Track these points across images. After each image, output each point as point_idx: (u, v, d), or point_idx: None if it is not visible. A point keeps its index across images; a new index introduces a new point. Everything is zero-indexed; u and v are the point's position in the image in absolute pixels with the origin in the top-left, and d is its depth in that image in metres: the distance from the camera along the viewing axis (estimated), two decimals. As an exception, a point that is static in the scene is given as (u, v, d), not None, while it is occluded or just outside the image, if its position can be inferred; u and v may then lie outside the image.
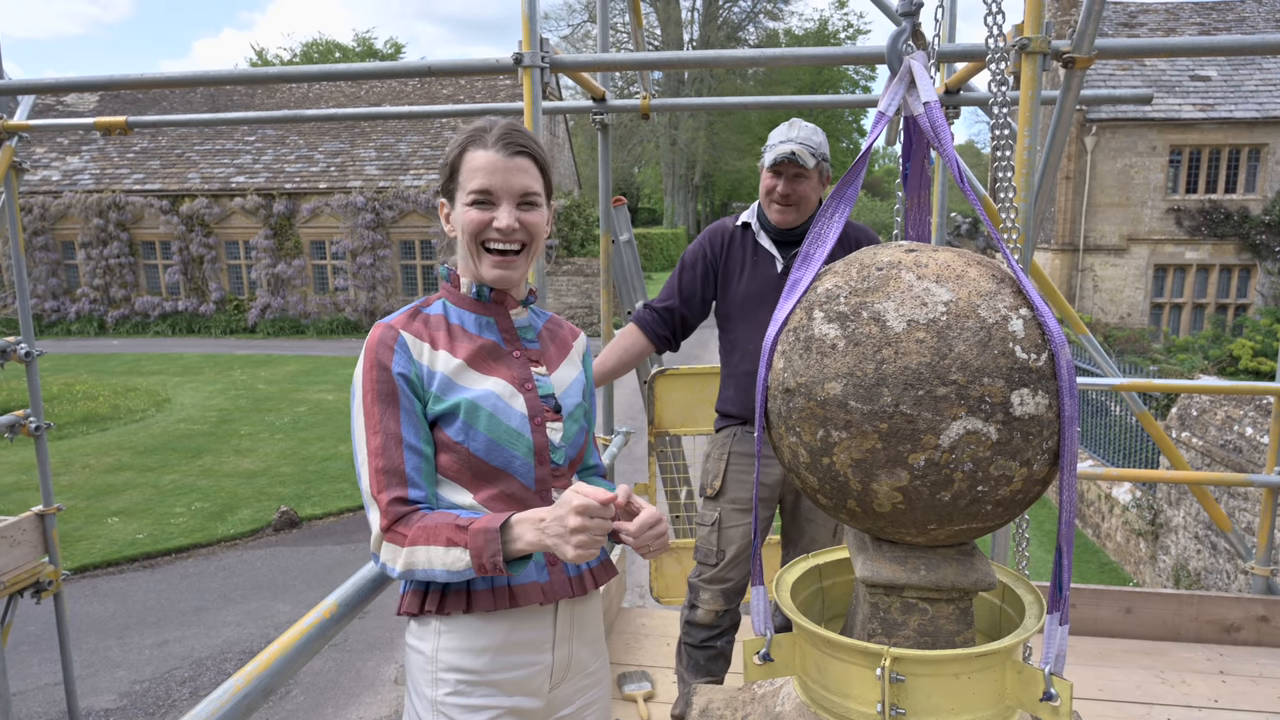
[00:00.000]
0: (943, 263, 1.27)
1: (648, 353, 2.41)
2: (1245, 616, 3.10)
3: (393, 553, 1.27)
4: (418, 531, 1.25)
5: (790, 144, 2.18)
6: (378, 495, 1.29)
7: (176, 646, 7.28)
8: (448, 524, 1.25)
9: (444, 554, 1.23)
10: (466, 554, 1.22)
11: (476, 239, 1.39)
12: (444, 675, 1.33)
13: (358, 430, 1.33)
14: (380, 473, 1.29)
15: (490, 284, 1.43)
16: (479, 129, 1.41)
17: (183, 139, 25.54)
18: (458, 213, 1.40)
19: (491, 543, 1.22)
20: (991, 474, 1.21)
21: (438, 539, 1.24)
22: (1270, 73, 20.17)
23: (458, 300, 1.45)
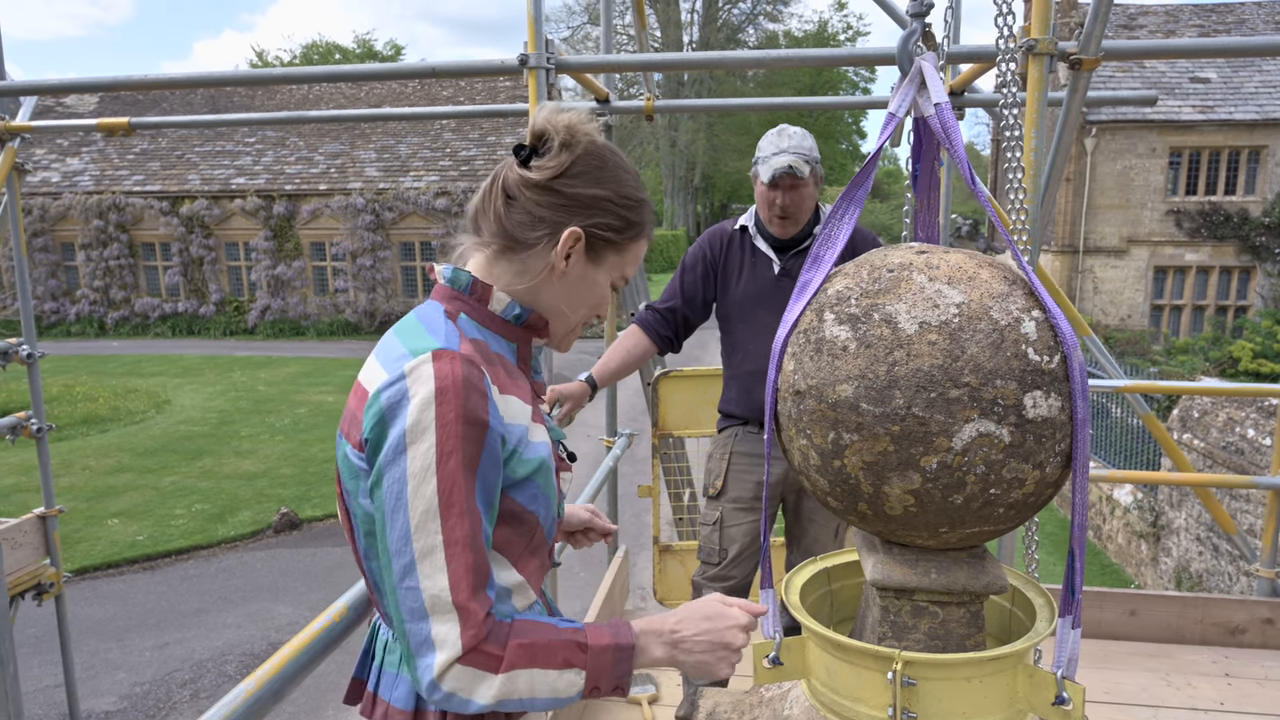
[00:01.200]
0: (954, 264, 1.26)
1: (651, 354, 2.41)
2: (1250, 619, 3.10)
3: (476, 680, 0.94)
4: (517, 651, 0.96)
5: (785, 155, 2.17)
6: (469, 605, 0.95)
7: (177, 649, 7.28)
8: (560, 641, 0.98)
9: (556, 678, 0.97)
10: (582, 677, 0.98)
11: (590, 317, 1.21)
12: None
13: (422, 506, 0.95)
14: (472, 573, 0.95)
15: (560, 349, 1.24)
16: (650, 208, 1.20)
17: (183, 140, 25.54)
18: (599, 281, 1.17)
19: (620, 664, 1.00)
20: (1004, 477, 1.21)
21: (550, 660, 0.97)
22: (1270, 75, 20.19)
23: (484, 319, 1.13)
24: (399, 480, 0.95)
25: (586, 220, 1.12)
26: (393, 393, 0.98)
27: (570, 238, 1.11)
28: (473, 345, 1.06)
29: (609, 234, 1.14)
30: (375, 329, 23.58)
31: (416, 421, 0.96)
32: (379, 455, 0.98)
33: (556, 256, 1.12)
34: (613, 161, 1.14)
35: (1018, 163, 1.37)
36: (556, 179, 1.10)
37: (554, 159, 1.11)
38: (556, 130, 1.11)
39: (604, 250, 1.15)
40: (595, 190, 1.11)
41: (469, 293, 1.13)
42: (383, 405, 0.99)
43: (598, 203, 1.12)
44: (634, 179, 1.17)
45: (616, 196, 1.13)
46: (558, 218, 1.11)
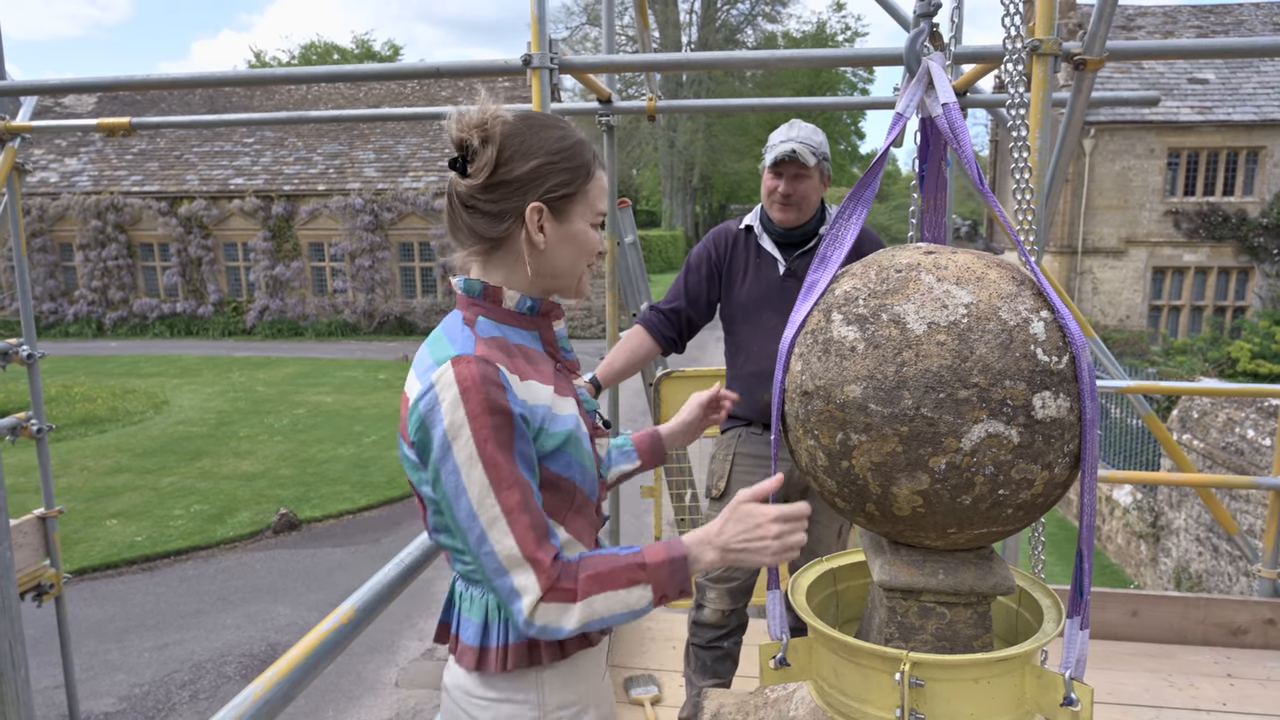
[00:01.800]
0: (962, 265, 1.26)
1: (655, 354, 2.41)
2: (1252, 619, 3.10)
3: (561, 612, 1.14)
4: (588, 582, 1.15)
5: (791, 143, 2.18)
6: (536, 556, 1.14)
7: (176, 649, 7.26)
8: (622, 566, 1.17)
9: (626, 595, 1.16)
10: (649, 590, 1.17)
11: (589, 262, 1.31)
12: (555, 714, 1.29)
13: (476, 487, 1.13)
14: (532, 530, 1.15)
15: (581, 298, 1.35)
16: (587, 145, 1.29)
17: (181, 141, 25.52)
18: (579, 229, 1.27)
19: (678, 573, 1.19)
20: (1013, 477, 1.20)
21: (617, 583, 1.16)
22: (1268, 76, 20.22)
23: (502, 317, 1.27)
24: (453, 472, 1.14)
25: (538, 192, 1.22)
26: (427, 400, 1.16)
27: (533, 214, 1.23)
28: (490, 343, 1.21)
29: (562, 190, 1.24)
30: (373, 330, 23.57)
31: (452, 421, 1.14)
32: (430, 454, 1.17)
33: (530, 234, 1.24)
34: (531, 130, 1.24)
35: (1024, 163, 1.37)
36: (494, 173, 1.21)
37: (481, 159, 1.21)
38: (471, 132, 1.21)
39: (566, 205, 1.25)
40: (530, 164, 1.22)
41: (483, 297, 1.28)
42: (421, 412, 1.17)
43: (538, 173, 1.22)
44: (558, 132, 1.25)
45: (550, 157, 1.23)
46: (513, 204, 1.23)
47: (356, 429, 13.83)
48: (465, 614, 1.29)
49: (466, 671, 1.28)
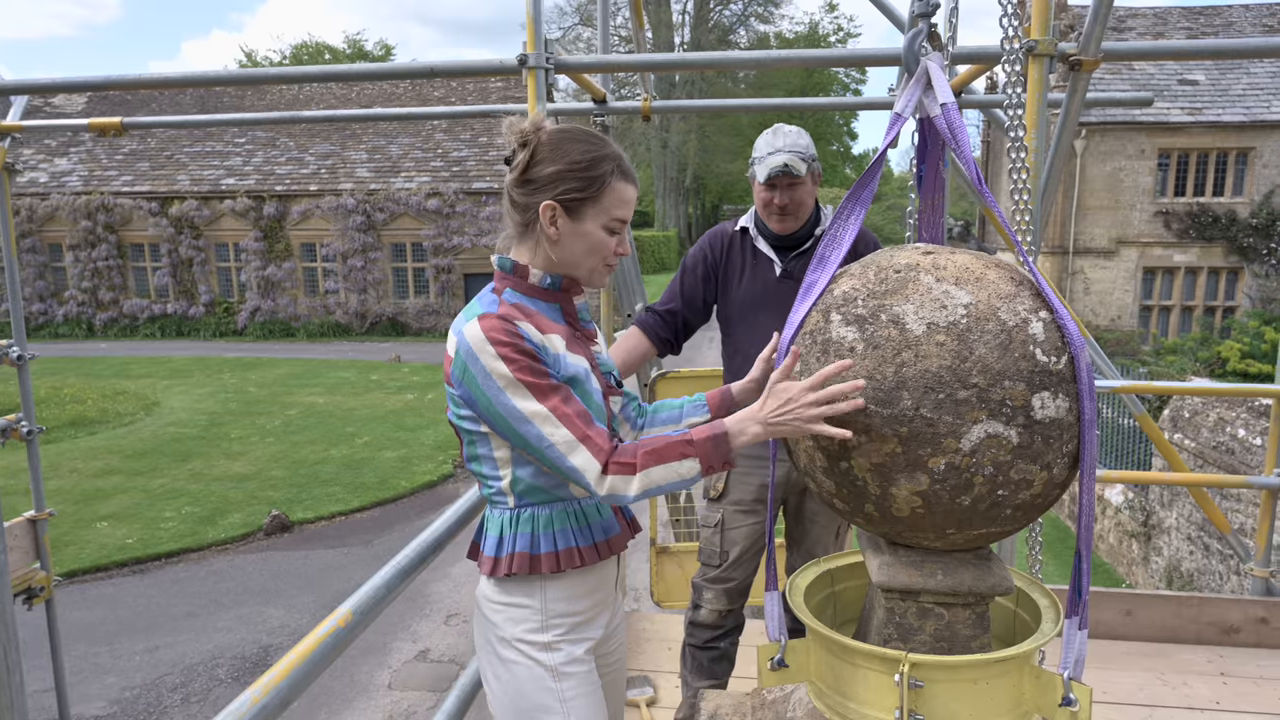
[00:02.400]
0: (961, 265, 1.26)
1: (650, 355, 2.40)
2: (1245, 618, 3.11)
3: (624, 481, 1.36)
4: (645, 457, 1.37)
5: (781, 154, 2.17)
6: (588, 435, 1.37)
7: (167, 652, 7.22)
8: (674, 442, 1.38)
9: (678, 466, 1.36)
10: (697, 462, 1.36)
11: (604, 259, 1.51)
12: (555, 621, 1.51)
13: (519, 405, 1.37)
14: (577, 417, 1.37)
15: (596, 288, 1.60)
16: (617, 157, 1.49)
17: (172, 140, 25.40)
18: (590, 231, 1.47)
19: (720, 446, 1.36)
20: (1012, 478, 1.20)
21: (669, 456, 1.36)
22: (1257, 77, 20.34)
23: (527, 290, 1.52)
24: (499, 393, 1.38)
25: (553, 193, 1.45)
26: (464, 349, 1.42)
27: (546, 209, 1.46)
28: (513, 307, 1.46)
29: (576, 194, 1.45)
30: (366, 330, 23.50)
31: (488, 356, 1.39)
32: (478, 390, 1.40)
33: (545, 226, 1.47)
34: (563, 140, 1.47)
35: (1022, 163, 1.37)
36: (525, 171, 1.47)
37: (519, 158, 1.47)
38: (516, 136, 1.47)
39: (580, 208, 1.46)
40: (552, 168, 1.45)
41: (512, 272, 1.52)
42: (462, 357, 1.42)
43: (557, 176, 1.45)
44: (585, 148, 1.47)
45: (569, 165, 1.45)
46: (535, 199, 1.47)
47: (349, 430, 13.78)
48: (488, 531, 1.54)
49: (486, 578, 1.53)
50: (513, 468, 1.47)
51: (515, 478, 1.48)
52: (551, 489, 1.49)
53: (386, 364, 19.42)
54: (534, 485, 1.48)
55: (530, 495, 1.48)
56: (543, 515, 1.49)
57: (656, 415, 1.75)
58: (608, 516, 1.57)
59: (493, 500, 1.53)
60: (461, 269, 22.91)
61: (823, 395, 1.27)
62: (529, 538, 1.48)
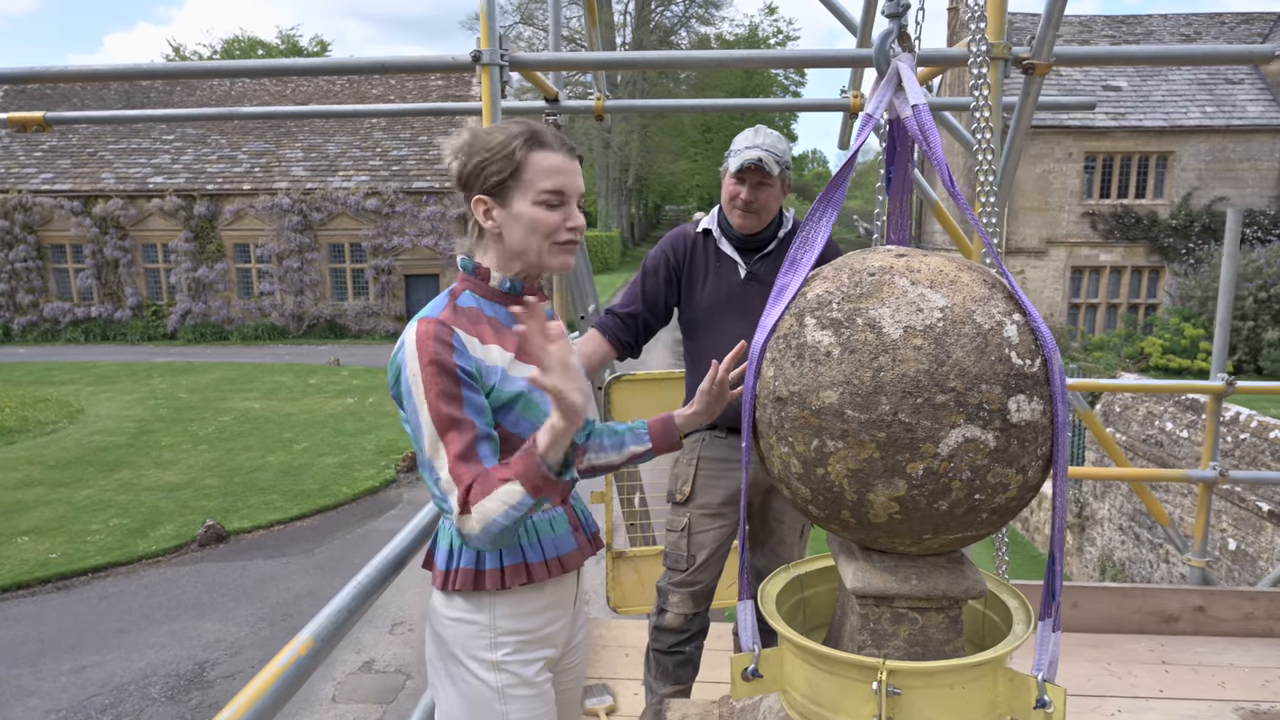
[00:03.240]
0: (935, 268, 1.25)
1: (610, 358, 2.36)
2: (1183, 607, 3.21)
3: (466, 521, 1.32)
4: (476, 492, 1.32)
5: (757, 150, 2.16)
6: (460, 479, 1.33)
7: (96, 672, 6.91)
8: (492, 470, 1.34)
9: (506, 494, 1.30)
10: (518, 484, 1.30)
11: (549, 237, 1.44)
12: (504, 639, 1.46)
13: (425, 426, 1.34)
14: (460, 459, 1.33)
15: (557, 271, 1.51)
16: (533, 130, 1.45)
17: (96, 137, 24.41)
18: (521, 211, 1.43)
19: (531, 458, 1.30)
20: (989, 482, 1.20)
21: (491, 486, 1.31)
22: (1175, 84, 21.22)
23: (486, 293, 1.48)
24: (413, 411, 1.36)
25: (479, 186, 1.43)
26: (398, 351, 1.38)
27: (478, 205, 1.44)
28: (462, 311, 1.43)
29: (496, 178, 1.42)
30: (303, 333, 22.93)
31: (412, 370, 1.35)
32: (403, 393, 1.37)
33: (482, 223, 1.45)
34: (480, 134, 1.45)
35: (989, 165, 1.37)
36: (456, 180, 1.47)
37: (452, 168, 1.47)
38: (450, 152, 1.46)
39: (505, 191, 1.43)
40: (471, 163, 1.43)
41: (474, 274, 1.49)
42: (396, 361, 1.39)
43: (477, 168, 1.43)
44: (497, 132, 1.44)
45: (483, 155, 1.42)
46: (467, 199, 1.47)
47: (286, 436, 13.41)
48: (439, 542, 1.50)
49: (437, 593, 1.49)
50: None
51: None
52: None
53: (325, 367, 18.97)
54: None
55: None
56: None
57: (601, 438, 1.69)
58: (561, 532, 1.52)
59: (443, 510, 1.44)
60: (402, 270, 22.52)
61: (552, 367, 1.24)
62: (475, 552, 1.44)
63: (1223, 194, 20.33)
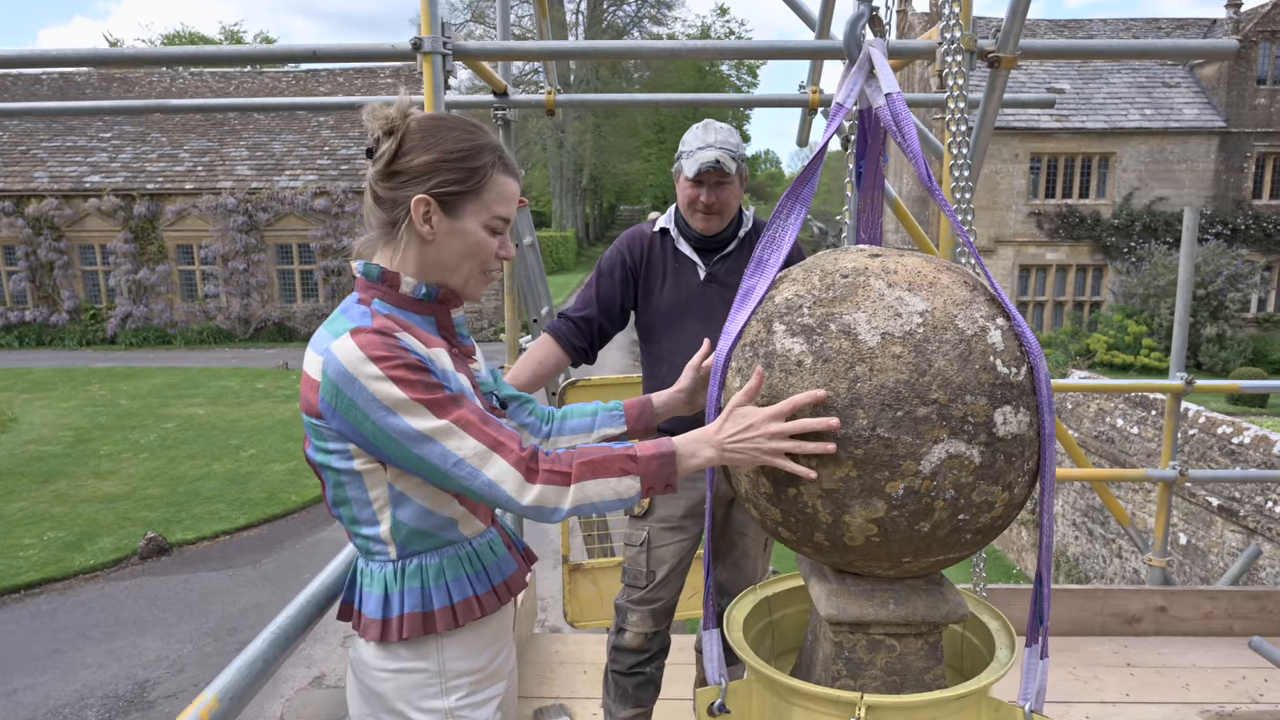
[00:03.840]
0: (912, 269, 1.16)
1: (564, 365, 2.24)
2: (1145, 608, 3.20)
3: (556, 493, 1.20)
4: (582, 468, 1.21)
5: (711, 150, 2.06)
6: (499, 440, 1.20)
7: (27, 695, 6.58)
8: (615, 455, 1.23)
9: (616, 484, 1.21)
10: (638, 481, 1.22)
11: (484, 264, 1.33)
12: (456, 683, 1.33)
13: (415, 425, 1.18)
14: (484, 424, 1.20)
15: (471, 300, 1.39)
16: (498, 147, 1.32)
17: (28, 135, 23.49)
18: (469, 229, 1.29)
19: (666, 467, 1.22)
20: (973, 500, 1.11)
21: (609, 471, 1.22)
22: (1116, 87, 21.75)
23: (398, 301, 1.31)
24: (387, 416, 1.17)
25: (426, 185, 1.26)
26: (335, 370, 1.19)
27: (419, 205, 1.26)
28: (385, 319, 1.24)
29: (453, 188, 1.27)
30: (250, 336, 22.34)
31: (370, 378, 1.17)
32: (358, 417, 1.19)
33: (417, 224, 1.27)
34: (437, 128, 1.28)
35: (965, 160, 1.28)
36: (392, 162, 1.26)
37: (383, 147, 1.27)
38: (381, 123, 1.26)
39: (458, 203, 1.28)
40: (425, 158, 1.26)
41: (380, 281, 1.31)
42: (333, 380, 1.19)
43: (431, 167, 1.26)
44: (463, 135, 1.29)
45: (445, 155, 1.26)
46: (405, 193, 1.26)
47: (233, 443, 13.00)
48: (366, 589, 1.32)
49: (370, 645, 1.31)
50: (391, 510, 1.26)
51: (396, 523, 1.27)
52: (438, 531, 1.30)
53: (273, 371, 18.47)
54: (418, 530, 1.28)
55: (415, 542, 1.28)
56: (432, 565, 1.29)
57: (565, 423, 1.58)
58: (502, 554, 1.39)
59: (369, 552, 1.31)
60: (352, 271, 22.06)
61: (791, 428, 1.13)
62: (419, 593, 1.28)
63: (1162, 194, 20.90)
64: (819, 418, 1.12)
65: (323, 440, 1.25)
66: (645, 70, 42.12)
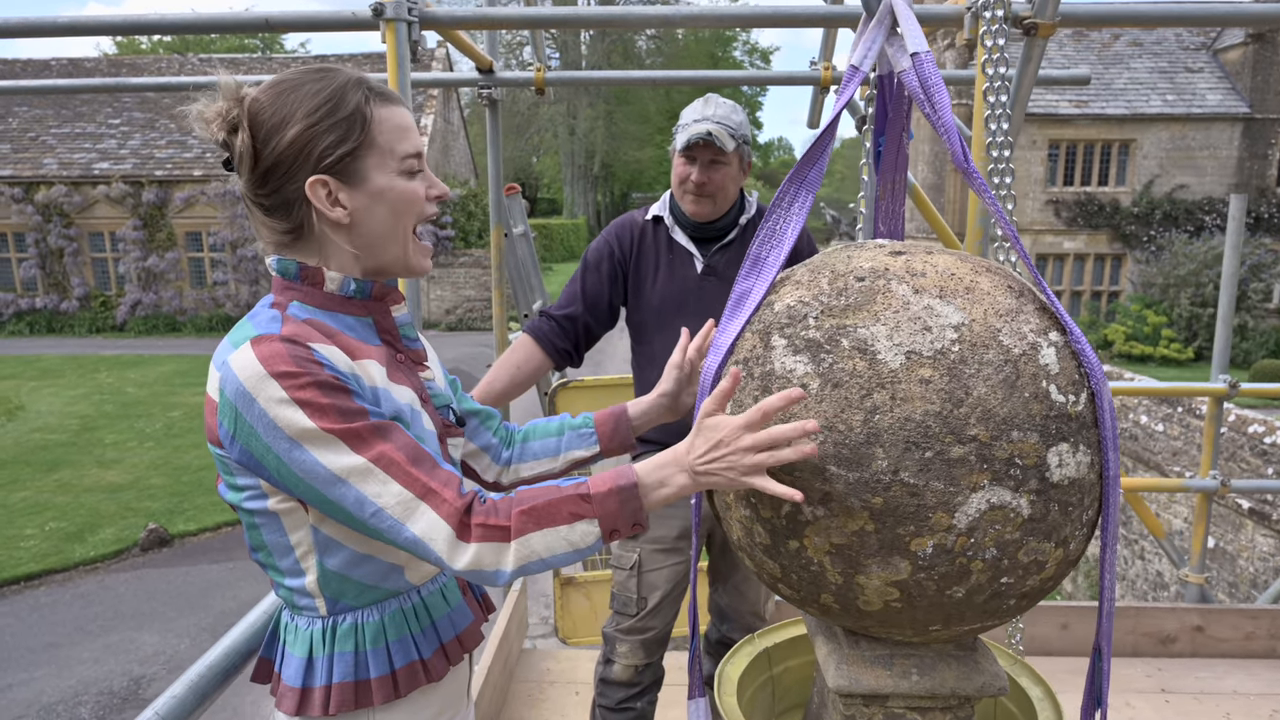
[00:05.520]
0: (944, 270, 0.94)
1: (545, 370, 2.03)
2: (1181, 627, 2.97)
3: (494, 552, 0.99)
4: (523, 517, 0.99)
5: (706, 123, 1.84)
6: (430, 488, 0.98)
7: (22, 691, 6.46)
8: (562, 498, 1.01)
9: (568, 532, 1.00)
10: (595, 524, 1.00)
11: (419, 215, 1.10)
12: None
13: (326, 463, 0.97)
14: (413, 464, 0.99)
15: (420, 274, 1.16)
16: (361, 78, 1.08)
17: (37, 121, 23.44)
18: (385, 186, 1.06)
19: (629, 502, 1.00)
20: (1020, 561, 0.89)
21: (556, 518, 1.00)
22: (1137, 72, 21.27)
23: (322, 302, 1.09)
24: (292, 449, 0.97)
25: (311, 166, 1.03)
26: (233, 389, 0.98)
27: (316, 188, 1.03)
28: (301, 324, 1.03)
29: (339, 151, 1.03)
30: (259, 324, 22.29)
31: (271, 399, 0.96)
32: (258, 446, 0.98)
33: (325, 213, 1.04)
34: (280, 95, 1.04)
35: (1005, 137, 1.06)
36: (256, 162, 1.02)
37: (237, 149, 1.03)
38: (217, 123, 1.03)
39: (354, 164, 1.05)
40: (289, 134, 1.02)
41: (300, 280, 1.09)
42: (230, 401, 0.98)
43: (301, 141, 1.02)
44: (314, 85, 1.04)
45: (309, 119, 1.03)
46: (292, 188, 1.03)
47: (238, 432, 12.89)
48: (289, 648, 1.11)
49: (287, 717, 1.10)
50: (318, 558, 1.05)
51: (324, 573, 1.05)
52: (378, 581, 1.09)
53: (281, 360, 18.38)
54: (353, 581, 1.06)
55: (349, 595, 1.07)
56: (370, 623, 1.08)
57: (527, 446, 1.35)
58: (456, 603, 1.18)
59: (295, 606, 1.10)
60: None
61: (762, 439, 0.92)
62: (351, 659, 1.07)
63: (1183, 182, 20.47)
64: (795, 423, 0.92)
65: (230, 475, 1.04)
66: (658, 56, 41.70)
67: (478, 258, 21.59)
